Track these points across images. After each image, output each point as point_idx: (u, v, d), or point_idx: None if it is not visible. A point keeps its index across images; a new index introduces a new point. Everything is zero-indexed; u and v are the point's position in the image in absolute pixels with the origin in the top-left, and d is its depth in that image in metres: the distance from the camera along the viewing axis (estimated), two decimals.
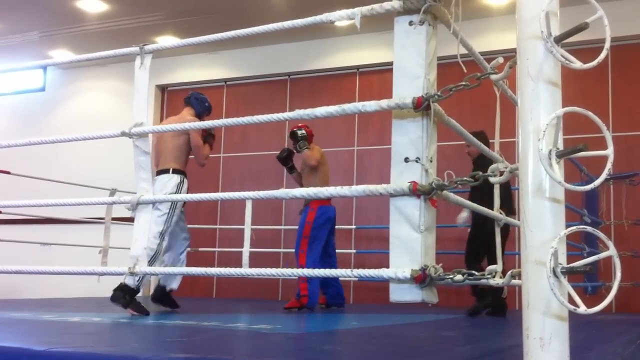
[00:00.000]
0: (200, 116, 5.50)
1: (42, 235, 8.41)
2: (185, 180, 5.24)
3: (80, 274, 2.98)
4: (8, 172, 6.91)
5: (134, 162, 2.94)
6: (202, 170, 9.65)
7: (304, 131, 6.32)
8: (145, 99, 3.00)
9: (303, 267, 5.64)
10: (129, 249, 2.98)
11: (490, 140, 4.48)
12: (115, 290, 4.66)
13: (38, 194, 7.22)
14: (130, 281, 4.60)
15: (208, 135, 5.53)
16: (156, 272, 3.46)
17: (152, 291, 5.74)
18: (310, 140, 6.36)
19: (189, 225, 8.61)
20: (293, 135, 6.35)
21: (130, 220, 2.88)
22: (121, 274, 2.76)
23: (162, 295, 5.38)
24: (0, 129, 10.71)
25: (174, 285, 5.34)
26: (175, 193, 5.08)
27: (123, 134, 2.92)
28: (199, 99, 5.60)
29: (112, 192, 6.71)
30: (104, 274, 2.96)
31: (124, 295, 4.62)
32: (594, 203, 7.17)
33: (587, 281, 6.50)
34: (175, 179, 5.15)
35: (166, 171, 5.20)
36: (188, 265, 5.56)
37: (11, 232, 8.26)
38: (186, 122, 4.95)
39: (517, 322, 1.82)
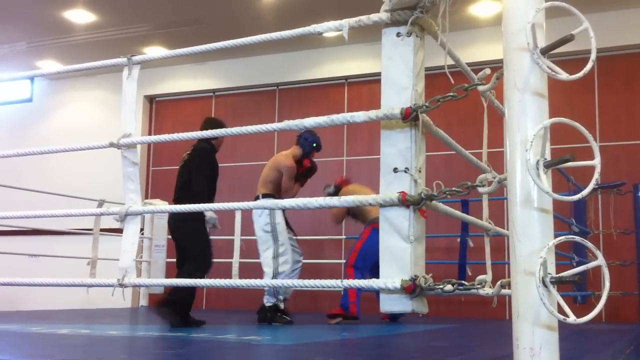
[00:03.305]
0: (306, 155, 6.01)
1: (30, 246, 8.36)
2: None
3: (69, 286, 2.96)
4: None
5: (122, 173, 2.92)
6: None
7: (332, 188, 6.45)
8: (133, 110, 2.99)
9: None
10: (118, 260, 2.96)
11: (478, 150, 4.55)
12: (257, 312, 5.52)
13: (26, 206, 7.18)
14: (267, 300, 5.51)
15: (308, 171, 6.02)
16: (146, 284, 3.44)
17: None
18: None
19: None
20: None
21: (119, 231, 2.86)
22: (110, 286, 2.74)
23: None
24: None
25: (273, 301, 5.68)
26: (269, 216, 5.61)
27: (111, 145, 2.91)
28: (307, 140, 6.03)
29: (101, 203, 6.69)
30: (93, 285, 2.94)
31: (266, 314, 5.48)
32: (582, 212, 7.21)
33: (577, 290, 6.52)
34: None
35: (257, 197, 5.81)
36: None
37: None
38: (287, 159, 5.88)
39: (507, 332, 1.82)
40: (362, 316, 6.04)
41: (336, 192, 6.47)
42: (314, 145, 6.04)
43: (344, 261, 8.40)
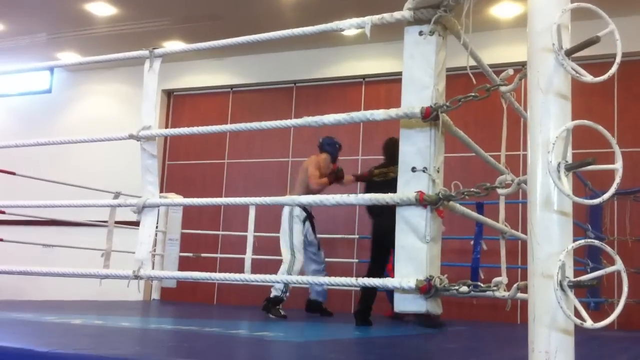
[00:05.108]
0: (335, 158, 6.47)
1: (44, 236, 8.41)
2: (297, 208, 6.12)
3: (85, 277, 2.97)
4: (13, 173, 6.92)
5: (140, 165, 2.93)
6: (206, 176, 9.73)
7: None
8: (154, 103, 3.00)
9: None
10: (132, 252, 2.97)
11: (495, 153, 4.55)
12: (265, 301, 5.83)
13: (42, 196, 7.22)
14: (274, 291, 5.82)
15: (336, 173, 6.34)
16: (161, 277, 3.46)
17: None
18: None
19: (192, 231, 8.69)
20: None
21: (134, 224, 2.88)
22: (125, 278, 2.75)
23: (316, 308, 6.56)
24: (5, 130, 10.73)
25: (321, 298, 6.60)
26: (289, 219, 6.09)
27: (131, 136, 2.92)
28: (330, 144, 6.48)
29: (116, 195, 6.71)
30: (108, 276, 2.95)
31: (267, 304, 5.77)
32: (598, 218, 7.15)
33: (590, 297, 6.47)
34: (287, 208, 6.14)
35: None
36: (189, 270, 5.59)
37: (13, 233, 8.26)
38: (319, 164, 6.24)
39: (520, 335, 1.81)
40: (373, 315, 6.03)
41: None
42: (337, 145, 6.50)
43: (356, 260, 8.42)
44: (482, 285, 2.14)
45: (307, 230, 6.24)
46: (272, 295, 5.87)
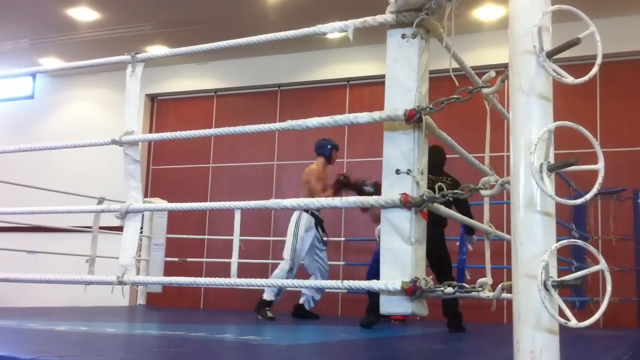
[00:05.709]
0: (330, 158, 6.46)
1: (28, 243, 8.34)
2: (304, 215, 6.18)
3: (68, 283, 2.95)
4: None
5: (123, 170, 2.92)
6: (191, 180, 9.70)
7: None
8: (136, 108, 2.99)
9: None
10: (117, 258, 2.95)
11: (479, 154, 4.58)
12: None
13: (25, 202, 7.16)
14: (267, 293, 5.99)
15: (340, 181, 6.26)
16: (145, 282, 3.44)
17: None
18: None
19: (177, 235, 8.65)
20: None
21: (118, 229, 2.86)
22: (109, 283, 2.73)
23: (302, 313, 6.47)
24: None
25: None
26: (295, 225, 6.14)
27: (113, 142, 2.91)
28: (322, 146, 6.49)
29: (100, 200, 6.67)
30: (92, 282, 2.93)
31: (258, 306, 5.99)
32: (582, 218, 7.21)
33: (575, 296, 6.51)
34: (296, 214, 6.23)
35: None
36: (175, 275, 5.59)
37: None
38: (311, 166, 6.40)
39: (506, 335, 1.82)
40: (359, 318, 6.03)
41: (377, 191, 6.46)
42: (329, 146, 6.43)
43: (342, 263, 8.42)
44: (467, 286, 2.15)
45: (316, 237, 6.24)
46: (263, 297, 5.97)
